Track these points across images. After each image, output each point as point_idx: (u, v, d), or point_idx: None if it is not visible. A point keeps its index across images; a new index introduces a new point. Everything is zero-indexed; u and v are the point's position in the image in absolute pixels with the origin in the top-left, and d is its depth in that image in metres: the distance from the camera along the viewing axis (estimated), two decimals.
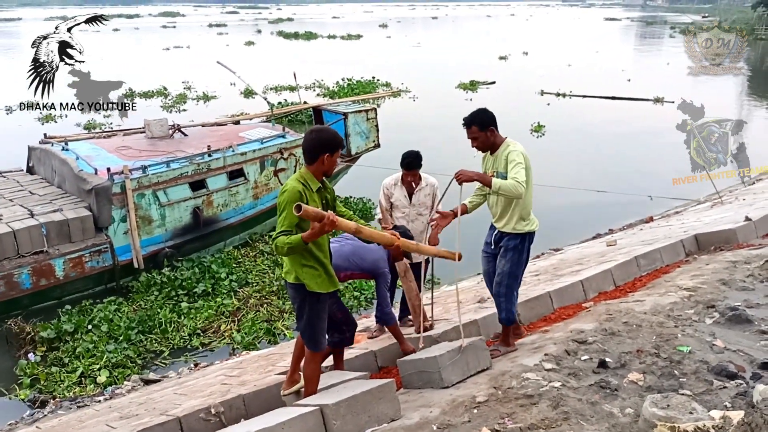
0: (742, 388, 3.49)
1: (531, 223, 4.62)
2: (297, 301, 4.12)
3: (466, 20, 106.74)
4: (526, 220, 4.59)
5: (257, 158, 11.57)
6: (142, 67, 34.11)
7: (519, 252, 4.63)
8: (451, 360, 4.25)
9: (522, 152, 4.46)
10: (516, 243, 4.62)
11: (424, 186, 5.60)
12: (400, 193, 5.56)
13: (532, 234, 4.66)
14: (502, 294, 4.68)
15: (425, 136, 20.34)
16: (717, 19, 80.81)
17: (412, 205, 5.56)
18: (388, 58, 43.83)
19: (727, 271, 5.69)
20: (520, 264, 4.67)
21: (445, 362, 4.21)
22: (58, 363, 7.94)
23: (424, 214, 5.62)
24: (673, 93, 26.78)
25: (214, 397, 5.18)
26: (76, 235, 9.29)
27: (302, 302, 4.08)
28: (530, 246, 4.71)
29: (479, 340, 4.52)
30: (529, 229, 4.61)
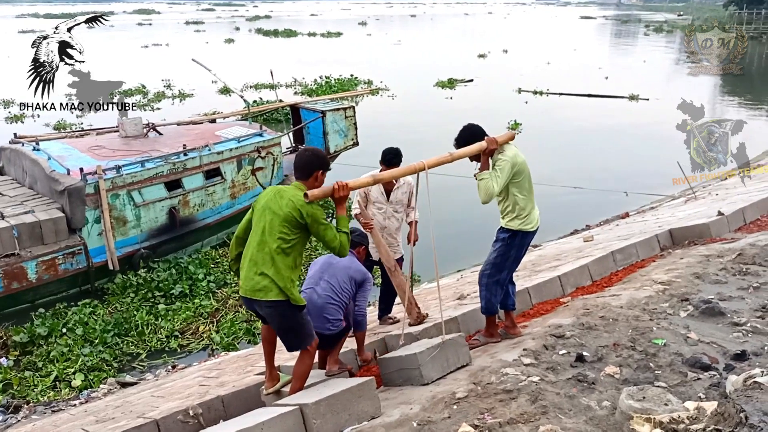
0: (715, 379, 3.55)
1: (525, 223, 4.68)
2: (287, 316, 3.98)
3: (444, 18, 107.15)
4: (521, 219, 4.67)
5: (234, 157, 11.47)
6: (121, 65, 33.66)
7: (506, 245, 4.70)
8: (431, 356, 4.25)
9: (510, 159, 4.52)
10: (505, 236, 4.71)
11: (402, 184, 5.60)
12: (378, 190, 5.55)
13: (524, 233, 4.71)
14: (483, 283, 4.77)
15: (404, 134, 20.37)
16: (690, 17, 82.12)
17: (390, 203, 5.56)
18: (369, 56, 43.84)
19: (701, 265, 5.79)
20: (505, 257, 4.71)
21: (425, 359, 4.21)
22: (31, 367, 7.80)
23: (399, 212, 5.61)
24: (650, 90, 27.26)
25: (192, 398, 5.13)
26: (49, 237, 9.13)
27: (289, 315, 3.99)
28: (522, 245, 4.76)
29: (459, 336, 4.52)
30: (521, 227, 4.68)
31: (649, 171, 15.72)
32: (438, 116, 23.42)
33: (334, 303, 4.46)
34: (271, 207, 3.96)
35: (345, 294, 4.51)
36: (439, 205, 10.73)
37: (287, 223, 3.89)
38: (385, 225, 5.49)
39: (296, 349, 4.18)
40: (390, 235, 5.52)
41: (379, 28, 77.12)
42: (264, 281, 3.89)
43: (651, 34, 69.40)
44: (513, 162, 4.51)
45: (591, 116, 23.81)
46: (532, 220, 4.70)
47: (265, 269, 3.89)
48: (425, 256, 11.11)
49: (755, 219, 7.72)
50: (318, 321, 4.38)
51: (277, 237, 3.89)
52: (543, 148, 19.33)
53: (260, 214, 4.02)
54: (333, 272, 4.55)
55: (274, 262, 3.89)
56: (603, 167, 17.09)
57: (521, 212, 4.65)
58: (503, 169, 4.47)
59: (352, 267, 4.62)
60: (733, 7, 63.91)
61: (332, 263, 4.63)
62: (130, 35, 60.48)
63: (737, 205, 7.92)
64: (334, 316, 4.46)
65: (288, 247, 3.91)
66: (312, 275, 4.64)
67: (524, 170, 4.61)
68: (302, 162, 4.07)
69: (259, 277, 3.90)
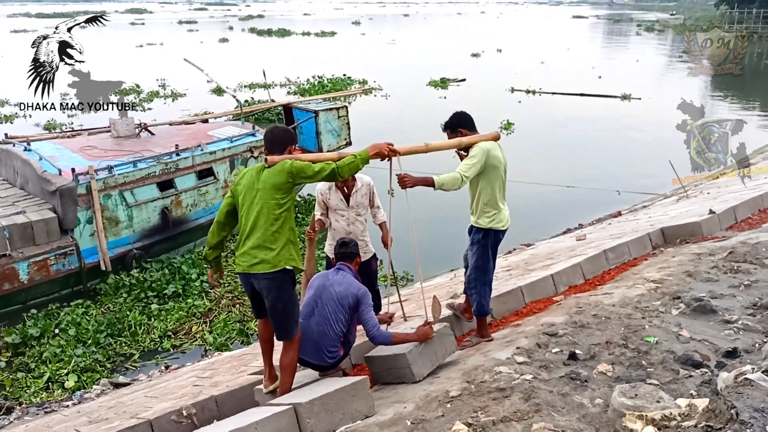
0: (707, 377, 3.57)
1: (495, 221, 4.68)
2: (285, 290, 4.07)
3: (437, 17, 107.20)
4: (490, 216, 4.67)
5: (227, 157, 11.45)
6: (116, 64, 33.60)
7: (482, 247, 4.73)
8: (420, 353, 4.27)
9: (484, 148, 4.52)
10: (479, 237, 4.74)
11: (360, 187, 5.45)
12: (336, 196, 5.38)
13: (496, 231, 4.72)
14: (471, 288, 4.86)
15: (397, 133, 20.37)
16: (682, 17, 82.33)
17: (351, 208, 5.40)
18: (363, 56, 43.84)
19: (693, 263, 5.82)
20: (486, 259, 4.75)
21: (414, 357, 4.23)
22: (24, 368, 7.76)
23: (362, 215, 5.51)
24: (643, 89, 27.36)
25: (185, 398, 5.12)
26: (41, 238, 9.08)
27: (285, 289, 4.08)
28: (495, 243, 4.78)
29: (444, 327, 4.54)
30: (492, 226, 4.68)
31: (642, 170, 15.81)
32: (431, 116, 23.43)
33: (329, 335, 4.31)
34: (255, 185, 4.09)
35: (340, 323, 4.33)
36: (433, 204, 10.77)
37: (278, 189, 4.03)
38: (350, 230, 5.40)
39: (286, 334, 4.18)
40: (356, 238, 5.45)
41: (372, 28, 77.14)
42: (264, 254, 4.01)
43: (643, 33, 69.70)
44: (486, 151, 4.51)
45: (583, 116, 23.89)
46: (502, 219, 4.72)
47: (267, 243, 4.01)
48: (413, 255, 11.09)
49: (746, 217, 7.77)
50: (313, 353, 4.30)
51: (272, 207, 4.01)
52: (536, 147, 19.40)
53: (245, 194, 4.12)
54: (326, 298, 4.36)
55: (272, 235, 4.01)
56: (595, 166, 17.16)
57: (488, 209, 4.66)
58: (475, 156, 4.49)
59: (342, 292, 4.35)
60: (725, 6, 64.27)
61: (326, 286, 4.42)
62: (124, 35, 60.29)
63: (728, 204, 7.97)
64: (330, 349, 4.32)
65: (283, 211, 4.04)
66: (307, 302, 4.48)
67: (498, 167, 4.60)
68: (277, 138, 4.28)
69: (259, 251, 4.01)
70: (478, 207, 4.69)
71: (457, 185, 4.40)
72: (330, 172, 4.06)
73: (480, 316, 4.88)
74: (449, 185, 4.38)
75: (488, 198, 4.64)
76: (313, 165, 4.07)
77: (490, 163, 4.54)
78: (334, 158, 4.18)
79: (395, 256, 5.22)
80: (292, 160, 4.07)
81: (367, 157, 4.20)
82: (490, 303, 5.21)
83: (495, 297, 5.63)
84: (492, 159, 4.54)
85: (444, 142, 4.67)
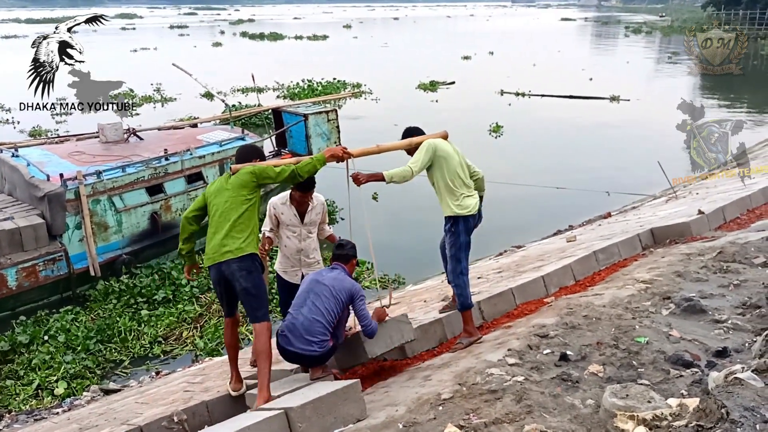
0: (697, 376, 3.59)
1: (459, 208, 4.89)
2: (254, 272, 4.39)
3: (427, 21, 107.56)
4: (453, 204, 4.89)
5: (216, 161, 11.41)
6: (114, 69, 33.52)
7: (453, 234, 4.94)
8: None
9: (430, 143, 4.87)
10: (449, 226, 4.95)
11: (316, 205, 5.37)
12: (290, 212, 5.25)
13: (464, 218, 4.91)
14: (453, 282, 5.02)
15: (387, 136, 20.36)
16: (669, 18, 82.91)
17: (304, 225, 5.33)
18: (356, 59, 43.91)
19: (682, 264, 5.85)
20: (459, 247, 4.92)
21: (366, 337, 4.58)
22: (12, 376, 7.68)
23: (313, 233, 5.48)
24: (633, 91, 27.52)
25: (176, 404, 5.09)
26: (29, 244, 9.00)
27: (254, 270, 4.42)
28: (466, 230, 4.95)
29: (401, 315, 4.91)
30: (458, 212, 4.89)
31: (631, 171, 15.90)
32: (422, 118, 23.51)
33: (320, 322, 4.35)
34: (223, 186, 4.52)
35: (331, 314, 4.40)
36: (421, 207, 10.77)
37: (244, 187, 4.44)
38: (302, 247, 5.34)
39: (259, 315, 4.43)
40: (307, 256, 5.41)
41: (363, 31, 77.33)
42: (232, 243, 4.35)
43: (630, 35, 70.21)
44: (433, 144, 4.84)
45: (573, 117, 24.01)
46: (468, 206, 4.92)
47: (234, 233, 4.37)
48: (407, 258, 11.09)
49: (735, 217, 7.82)
50: (302, 342, 4.32)
51: (239, 203, 4.41)
52: (525, 149, 19.49)
53: (214, 197, 4.54)
54: (318, 291, 4.44)
55: (239, 225, 4.38)
56: (585, 167, 17.23)
57: (450, 197, 4.88)
58: (421, 150, 4.83)
59: (336, 285, 4.47)
60: (711, 8, 64.82)
61: (318, 281, 4.52)
62: (117, 39, 60.16)
63: (717, 204, 8.02)
64: (319, 337, 4.33)
65: (249, 206, 4.43)
66: (299, 294, 4.56)
67: (448, 158, 4.87)
68: (242, 154, 4.86)
69: (228, 240, 4.36)
70: (441, 197, 4.95)
71: (407, 177, 4.74)
72: (290, 172, 4.52)
73: (464, 310, 4.99)
74: (398, 178, 4.71)
75: (446, 187, 4.89)
76: (274, 167, 4.54)
77: (438, 155, 4.85)
78: (294, 162, 4.65)
79: (384, 260, 5.25)
80: (255, 165, 4.54)
81: (324, 159, 4.62)
82: (482, 305, 5.27)
83: (486, 299, 5.64)
84: (440, 152, 4.85)
85: (395, 143, 5.09)
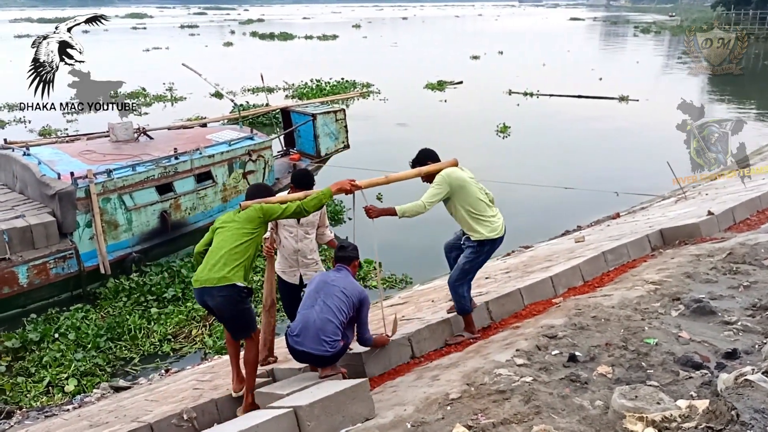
0: (707, 378, 3.58)
1: (490, 231, 4.94)
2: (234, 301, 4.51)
3: (435, 20, 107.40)
4: (482, 228, 4.92)
5: (225, 160, 11.45)
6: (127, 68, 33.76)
7: (476, 253, 5.01)
8: (374, 354, 4.77)
9: (444, 175, 4.86)
10: (475, 244, 4.99)
11: None
12: None
13: (492, 241, 4.98)
14: (451, 286, 5.10)
15: (396, 137, 20.44)
16: (679, 18, 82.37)
17: (301, 225, 5.37)
18: (367, 58, 44.02)
19: (692, 265, 5.82)
20: (474, 263, 5.05)
21: (368, 357, 4.74)
22: (24, 373, 7.75)
23: (311, 234, 5.50)
24: (643, 91, 27.37)
25: (186, 402, 5.13)
26: (40, 242, 9.07)
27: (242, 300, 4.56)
28: (489, 251, 5.07)
29: (402, 338, 4.94)
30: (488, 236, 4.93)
31: (640, 171, 15.82)
32: (429, 119, 23.51)
33: (332, 322, 4.37)
34: (231, 219, 4.68)
35: (343, 314, 4.42)
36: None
37: (250, 222, 4.59)
38: (299, 248, 5.38)
39: (243, 336, 4.73)
40: (305, 256, 5.43)
41: (373, 31, 77.37)
42: (218, 272, 4.46)
43: (640, 35, 69.86)
44: (448, 178, 4.84)
45: (581, 117, 23.93)
46: (496, 228, 4.97)
47: (224, 261, 4.48)
48: (414, 259, 11.08)
49: (745, 218, 7.77)
50: (313, 342, 4.33)
51: (240, 234, 4.54)
52: (534, 150, 19.43)
53: (221, 227, 4.70)
54: (329, 291, 4.46)
55: (233, 254, 4.50)
56: (594, 168, 17.18)
57: (478, 224, 4.91)
58: (437, 185, 4.84)
59: (348, 288, 4.50)
60: (721, 7, 64.37)
61: (327, 282, 4.56)
62: (129, 39, 60.54)
63: (727, 205, 7.98)
64: (331, 337, 4.35)
65: (249, 239, 4.57)
66: (308, 294, 4.58)
67: (465, 186, 4.89)
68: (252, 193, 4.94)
69: (215, 268, 4.49)
70: (466, 224, 4.97)
71: (420, 213, 4.78)
72: (296, 208, 4.62)
73: (464, 313, 5.13)
74: (411, 213, 4.76)
75: (470, 214, 4.92)
76: (281, 204, 4.66)
77: (455, 186, 4.85)
78: (300, 198, 4.72)
79: (392, 260, 5.29)
80: (263, 204, 4.66)
81: (330, 193, 4.70)
82: (490, 306, 5.35)
83: (494, 299, 5.64)
84: (455, 182, 4.85)
85: (404, 172, 5.06)
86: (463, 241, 5.11)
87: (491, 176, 10.37)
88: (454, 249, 5.29)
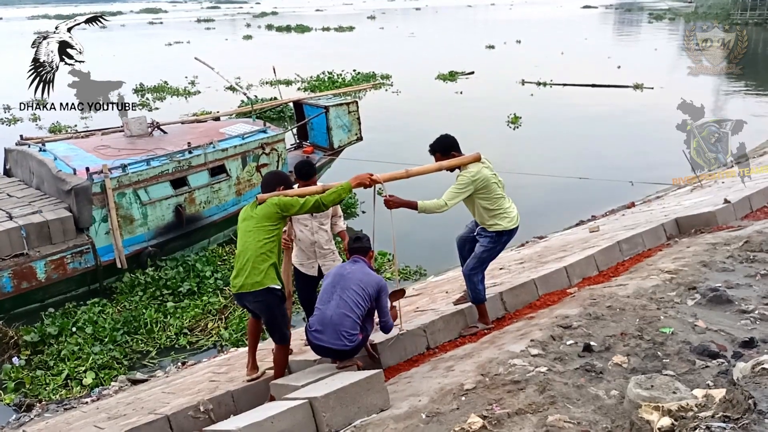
0: (723, 367, 3.55)
1: (508, 221, 5.01)
2: (270, 304, 4.65)
3: (448, 10, 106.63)
4: (499, 220, 4.98)
5: (239, 154, 11.49)
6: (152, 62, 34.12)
7: (494, 242, 5.05)
8: (390, 345, 4.79)
9: (470, 176, 4.83)
10: (493, 234, 5.04)
11: None
12: None
13: (509, 231, 5.05)
14: (467, 276, 5.13)
15: (408, 127, 20.38)
16: (694, 4, 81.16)
17: (314, 217, 5.39)
18: (386, 49, 44.05)
19: (708, 253, 5.77)
20: (491, 253, 5.10)
21: (383, 348, 4.75)
22: (43, 366, 7.87)
23: (325, 225, 5.51)
24: (660, 79, 26.99)
25: (202, 394, 5.17)
26: (57, 237, 9.18)
27: (279, 304, 4.70)
28: (506, 241, 5.14)
29: (417, 329, 4.97)
30: (506, 227, 5.00)
31: (655, 160, 15.65)
32: (447, 110, 23.39)
33: (350, 317, 4.38)
34: (248, 215, 4.69)
35: (360, 307, 4.42)
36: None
37: (269, 219, 4.58)
38: (315, 240, 5.42)
39: (277, 338, 4.81)
40: (320, 247, 5.46)
41: (388, 22, 77.10)
42: (251, 278, 4.55)
43: (654, 22, 68.94)
44: (473, 178, 4.82)
45: (596, 106, 23.69)
46: (513, 218, 5.04)
47: (256, 265, 4.54)
48: (428, 251, 11.07)
49: (762, 206, 7.68)
50: (332, 337, 4.36)
51: (262, 234, 4.56)
52: (547, 140, 19.28)
53: (241, 224, 4.75)
54: (345, 285, 4.47)
55: (260, 256, 4.55)
56: (608, 157, 17.01)
57: (497, 217, 4.96)
58: (462, 185, 4.83)
59: (364, 279, 4.50)
60: None
61: (344, 275, 4.55)
62: (146, 33, 60.95)
63: (743, 193, 7.88)
64: (349, 331, 4.37)
65: (271, 237, 4.59)
66: (325, 288, 4.60)
67: (488, 184, 4.89)
68: (267, 181, 4.93)
69: (247, 274, 4.56)
70: (483, 218, 5.01)
71: (441, 211, 4.78)
72: (314, 203, 4.58)
73: (478, 303, 5.16)
74: (431, 210, 4.75)
75: (488, 211, 4.97)
76: (299, 198, 4.61)
77: (480, 187, 4.86)
78: (319, 191, 4.69)
79: (406, 252, 5.30)
80: (280, 196, 4.63)
81: (349, 187, 4.64)
82: (504, 296, 5.36)
83: (508, 290, 5.63)
84: (479, 183, 4.85)
85: (424, 167, 5.01)
86: (478, 232, 5.13)
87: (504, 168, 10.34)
88: (468, 242, 5.30)
